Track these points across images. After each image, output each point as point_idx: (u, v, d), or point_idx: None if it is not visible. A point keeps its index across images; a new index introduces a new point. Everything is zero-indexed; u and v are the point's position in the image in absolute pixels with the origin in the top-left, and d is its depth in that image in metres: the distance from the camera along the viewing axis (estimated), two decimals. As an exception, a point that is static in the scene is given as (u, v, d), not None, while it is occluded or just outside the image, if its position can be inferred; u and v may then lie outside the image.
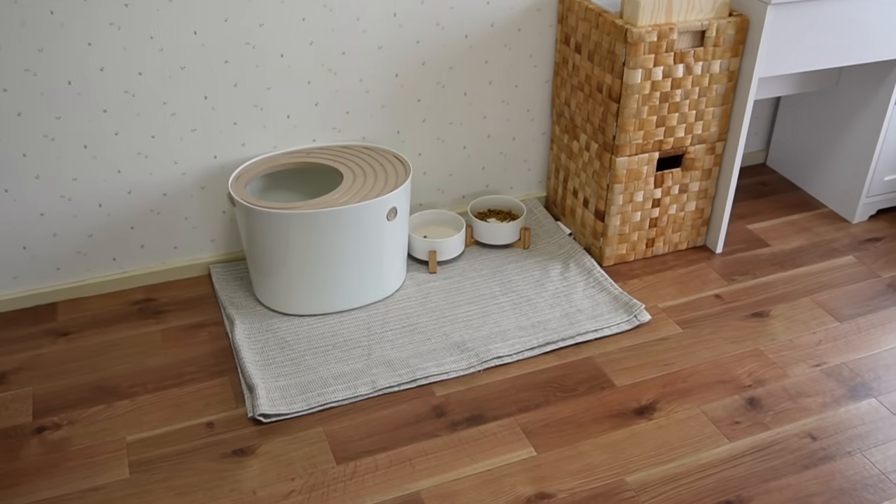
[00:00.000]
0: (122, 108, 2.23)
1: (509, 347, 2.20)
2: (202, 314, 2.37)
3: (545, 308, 2.35)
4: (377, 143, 2.54)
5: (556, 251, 2.60)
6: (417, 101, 2.52)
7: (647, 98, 2.31)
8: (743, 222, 2.82)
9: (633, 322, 2.31)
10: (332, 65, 2.37)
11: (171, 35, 2.17)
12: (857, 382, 2.15)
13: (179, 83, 2.24)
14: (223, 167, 2.41)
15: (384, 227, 2.26)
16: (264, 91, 2.34)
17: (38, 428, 1.99)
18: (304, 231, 2.17)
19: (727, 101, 2.42)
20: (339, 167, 2.35)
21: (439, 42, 2.45)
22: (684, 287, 2.49)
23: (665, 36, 2.23)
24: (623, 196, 2.45)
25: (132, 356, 2.21)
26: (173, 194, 2.40)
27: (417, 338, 2.24)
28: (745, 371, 2.18)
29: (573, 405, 2.06)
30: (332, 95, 2.42)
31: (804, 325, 2.35)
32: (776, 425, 2.02)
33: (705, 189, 2.56)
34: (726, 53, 2.34)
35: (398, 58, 2.43)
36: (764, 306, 2.42)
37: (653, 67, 2.27)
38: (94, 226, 2.36)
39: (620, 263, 2.59)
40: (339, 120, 2.46)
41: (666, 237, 2.60)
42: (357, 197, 2.21)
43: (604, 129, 2.40)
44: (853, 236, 2.76)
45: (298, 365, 2.14)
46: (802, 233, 2.77)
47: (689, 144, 2.45)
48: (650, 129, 2.37)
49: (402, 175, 2.31)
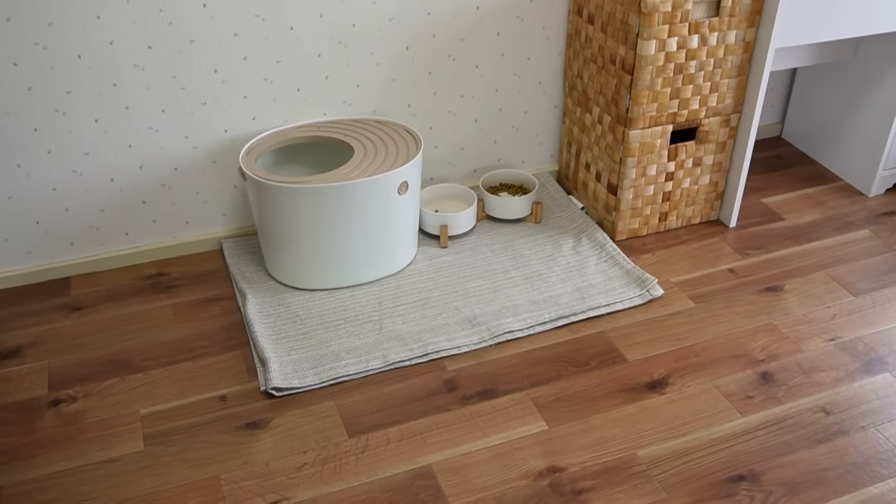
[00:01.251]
0: (132, 83, 2.22)
1: (521, 322, 2.19)
2: (214, 289, 2.37)
3: (557, 283, 2.34)
4: (388, 116, 2.52)
5: (568, 225, 2.58)
6: (428, 74, 2.50)
7: (661, 70, 2.28)
8: (757, 196, 2.79)
9: (646, 296, 2.30)
10: (343, 37, 2.35)
11: (181, 8, 2.16)
12: (872, 357, 2.14)
13: (189, 56, 2.23)
14: (234, 141, 2.40)
15: (395, 201, 2.25)
16: (274, 64, 2.33)
17: (54, 401, 2.01)
18: (315, 205, 2.17)
19: (743, 72, 2.39)
20: (350, 141, 2.33)
21: (450, 14, 2.43)
22: (697, 261, 2.48)
23: (680, 6, 2.20)
24: (636, 170, 2.43)
25: (145, 330, 2.22)
26: (184, 169, 2.39)
27: (429, 312, 2.24)
28: (759, 345, 2.17)
29: (585, 379, 2.06)
30: (342, 68, 2.40)
31: (818, 300, 2.33)
32: (789, 400, 2.01)
33: (719, 162, 2.53)
34: (742, 24, 2.30)
35: (409, 30, 2.41)
36: (778, 280, 2.40)
37: (667, 38, 2.23)
38: (106, 200, 2.36)
39: (633, 238, 2.57)
40: (350, 93, 2.45)
41: (679, 211, 2.58)
42: (368, 171, 2.20)
43: (617, 102, 2.38)
44: (869, 210, 2.73)
45: (310, 339, 2.15)
46: (817, 206, 2.75)
47: (704, 117, 2.42)
48: (664, 102, 2.34)
49: (413, 149, 2.30)
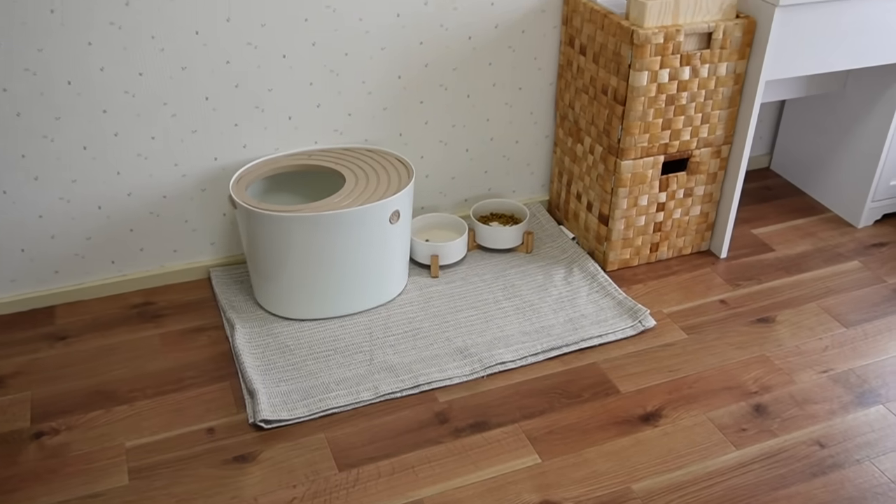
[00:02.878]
0: (122, 109, 2.20)
1: (513, 353, 2.17)
2: (202, 318, 2.34)
3: (549, 313, 2.33)
4: (379, 145, 2.52)
5: (559, 255, 2.57)
6: (420, 104, 2.50)
7: (653, 101, 2.29)
8: (747, 227, 2.79)
9: (638, 327, 2.29)
10: (335, 66, 2.35)
11: (173, 35, 2.15)
12: (865, 389, 2.13)
13: (180, 84, 2.22)
14: (224, 169, 2.38)
15: (386, 230, 2.23)
16: (266, 92, 2.31)
17: (37, 433, 1.96)
18: (305, 234, 2.15)
19: (733, 104, 2.40)
20: (341, 170, 2.32)
21: (442, 44, 2.43)
22: (689, 292, 2.47)
23: (671, 38, 2.21)
24: (627, 200, 2.43)
25: (131, 360, 2.19)
26: (173, 196, 2.37)
27: (420, 343, 2.21)
28: (752, 377, 2.16)
29: (578, 412, 2.04)
30: (334, 97, 2.39)
31: (810, 331, 2.33)
32: (784, 432, 1.99)
33: (710, 193, 2.54)
34: (733, 56, 2.31)
35: (401, 59, 2.41)
36: (769, 312, 2.40)
37: (659, 70, 2.24)
38: (93, 228, 2.33)
39: (624, 268, 2.57)
40: (342, 122, 2.44)
41: (670, 242, 2.58)
42: (359, 200, 2.19)
43: (608, 132, 2.38)
44: (858, 241, 2.74)
45: (300, 370, 2.12)
46: (807, 237, 2.75)
47: (695, 148, 2.43)
48: (655, 133, 2.34)
49: (405, 178, 2.29)
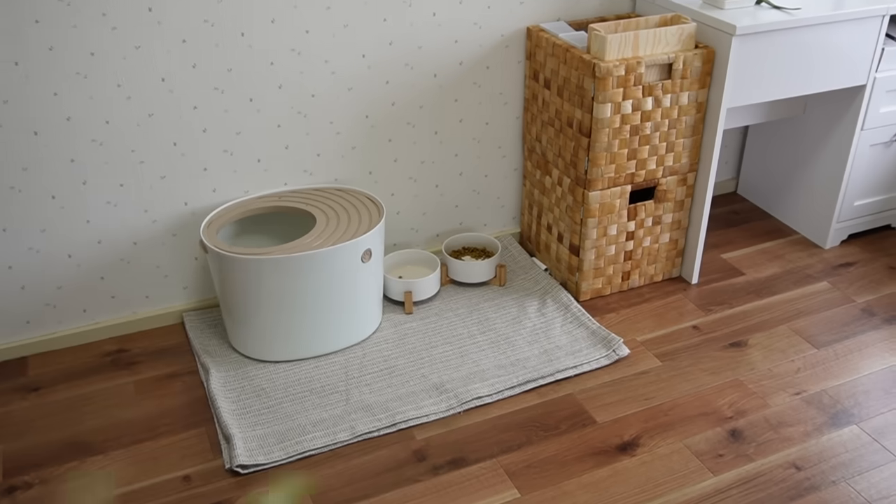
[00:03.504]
0: (89, 158, 2.20)
1: (489, 387, 2.18)
2: (176, 364, 2.33)
3: (523, 345, 2.34)
4: (349, 184, 2.53)
5: (532, 287, 2.59)
6: (389, 142, 2.52)
7: (618, 131, 2.32)
8: (717, 252, 2.83)
9: (613, 357, 2.30)
10: (302, 108, 2.36)
11: (139, 82, 2.16)
12: (838, 409, 2.15)
13: (148, 130, 2.22)
14: (194, 214, 2.38)
15: (359, 269, 2.24)
16: (234, 136, 2.32)
17: (9, 488, 1.93)
18: (278, 276, 2.15)
19: (697, 131, 2.44)
20: (312, 210, 2.33)
21: (409, 82, 2.46)
22: (662, 319, 2.49)
23: (633, 70, 2.25)
24: (597, 230, 2.45)
25: (105, 410, 2.17)
26: (144, 243, 2.36)
27: (396, 381, 2.21)
28: (726, 402, 2.17)
29: (556, 444, 2.04)
30: (302, 138, 2.40)
31: (782, 354, 2.35)
32: (760, 456, 2.01)
33: (678, 220, 2.57)
34: (694, 85, 2.36)
35: (368, 99, 2.43)
36: (741, 336, 2.42)
37: (622, 101, 2.28)
38: (63, 277, 2.32)
39: (597, 297, 2.58)
40: (311, 162, 2.45)
41: (641, 270, 2.60)
42: (331, 240, 2.19)
43: (575, 164, 2.41)
44: (826, 262, 2.78)
45: (276, 413, 2.11)
46: (776, 260, 2.79)
47: (661, 176, 2.46)
48: (622, 163, 2.38)
49: (376, 216, 2.30)
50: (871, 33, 2.46)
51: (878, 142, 2.70)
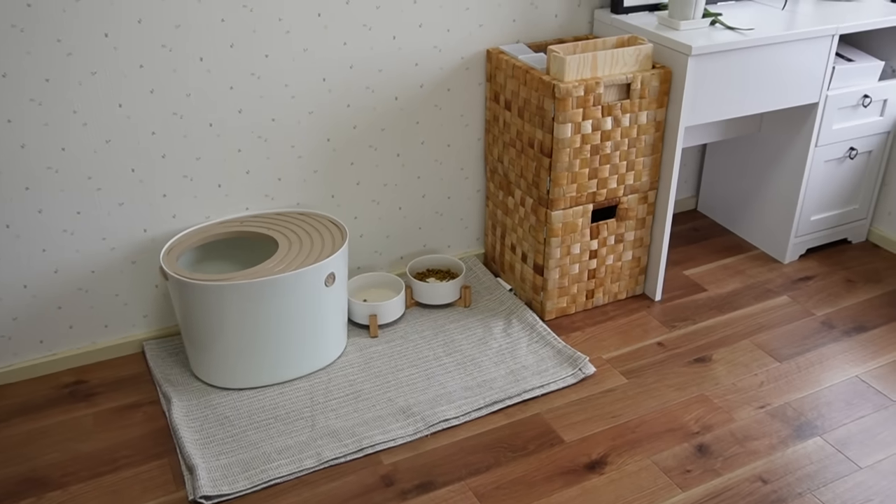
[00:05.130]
0: (45, 185, 2.16)
1: (456, 409, 2.17)
2: (137, 394, 2.28)
3: (490, 366, 2.33)
4: (312, 208, 2.51)
5: (497, 308, 2.58)
6: (351, 165, 2.51)
7: (578, 151, 2.34)
8: (679, 268, 2.85)
9: (579, 375, 2.30)
10: (263, 132, 2.35)
11: (95, 108, 2.13)
12: (802, 422, 2.17)
13: (105, 157, 2.19)
14: (154, 240, 2.35)
15: (322, 293, 2.22)
16: (194, 161, 2.30)
17: (-36, 527, 1.88)
18: (240, 302, 2.12)
19: (656, 150, 2.47)
20: (274, 235, 2.31)
21: (369, 105, 2.45)
22: (626, 336, 2.50)
23: (592, 90, 2.27)
24: (560, 249, 2.46)
25: (63, 443, 2.11)
26: (102, 271, 2.32)
27: (362, 405, 2.19)
28: (692, 417, 2.18)
29: (524, 464, 2.03)
30: (263, 163, 2.39)
31: (746, 368, 2.37)
32: (727, 471, 2.01)
33: (640, 238, 2.59)
34: (652, 104, 2.38)
35: (329, 122, 2.42)
36: (705, 351, 2.44)
37: (582, 121, 2.30)
38: (19, 308, 2.27)
39: (562, 316, 2.59)
40: (272, 187, 2.43)
41: (605, 288, 2.62)
42: (293, 265, 2.17)
43: (537, 184, 2.42)
44: (786, 276, 2.82)
45: (240, 441, 2.07)
46: (737, 276, 2.82)
47: (622, 195, 2.48)
48: (583, 182, 2.39)
49: (339, 240, 2.28)
50: (821, 52, 2.52)
51: (831, 158, 2.76)
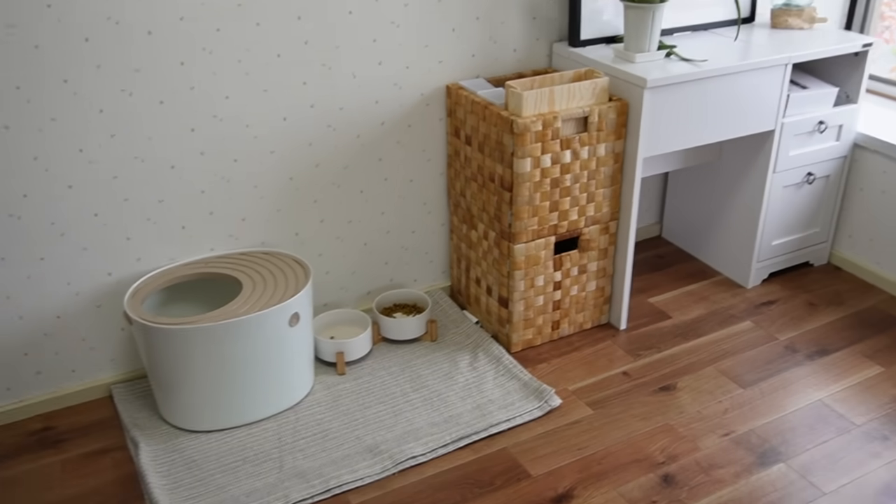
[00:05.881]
0: (7, 232, 2.16)
1: (423, 446, 2.17)
2: (105, 439, 2.27)
3: (456, 401, 2.34)
4: (276, 247, 2.52)
5: (463, 341, 2.60)
6: (314, 203, 2.53)
7: (539, 185, 2.37)
8: (644, 296, 2.88)
9: (545, 408, 2.32)
10: (225, 173, 2.36)
11: (56, 154, 2.13)
12: (766, 448, 2.20)
13: (67, 202, 2.19)
14: (119, 283, 2.35)
15: (287, 333, 2.23)
16: (157, 204, 2.31)
17: (-73, 582, 1.86)
18: (205, 345, 2.12)
19: (616, 181, 2.50)
20: (238, 275, 2.32)
21: (331, 143, 2.47)
22: (592, 367, 2.52)
23: (550, 124, 2.30)
24: (524, 282, 2.49)
25: (31, 492, 2.10)
26: (68, 316, 2.32)
27: (330, 444, 2.19)
28: (658, 447, 2.20)
29: (491, 500, 2.04)
30: (226, 203, 2.40)
31: (710, 395, 2.40)
32: (693, 500, 2.03)
33: (603, 268, 2.62)
34: (610, 137, 2.42)
35: (291, 161, 2.44)
36: (670, 379, 2.47)
37: (541, 155, 2.33)
38: (-18, 356, 2.26)
39: (528, 348, 2.61)
40: (236, 227, 2.44)
41: (570, 318, 2.64)
42: (257, 305, 2.18)
43: (499, 218, 2.44)
44: (749, 301, 2.85)
45: (208, 485, 2.07)
46: (701, 302, 2.85)
47: (584, 226, 2.51)
48: (544, 215, 2.42)
49: (303, 279, 2.29)
50: (776, 81, 2.57)
51: (790, 183, 2.81)
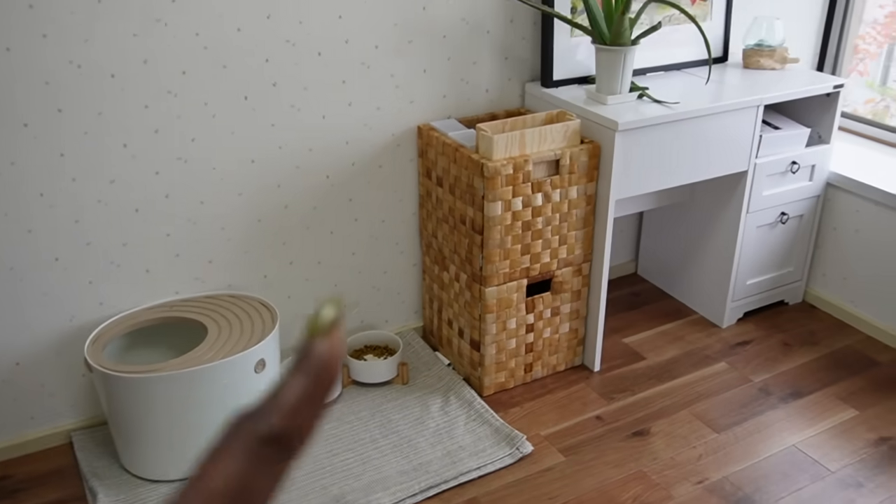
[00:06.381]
0: (-36, 279, 2.11)
1: (390, 497, 2.12)
2: (63, 489, 2.21)
3: (426, 448, 2.29)
4: (243, 290, 2.48)
5: (435, 384, 2.56)
6: (283, 244, 2.49)
7: (510, 228, 2.34)
8: (618, 336, 2.86)
9: (516, 455, 2.28)
10: (191, 215, 2.32)
11: (15, 198, 2.09)
12: (740, 496, 2.16)
13: (27, 246, 2.15)
14: (81, 329, 2.30)
15: (253, 380, 2.18)
16: (120, 247, 2.26)
17: None
18: (167, 393, 2.07)
19: (588, 223, 2.48)
20: (204, 320, 2.27)
21: (300, 184, 2.44)
22: (565, 411, 2.49)
23: (521, 168, 2.28)
24: (496, 325, 2.45)
25: (-17, 546, 2.04)
26: (27, 362, 2.26)
27: (294, 494, 2.14)
28: (630, 496, 2.16)
29: (459, 553, 1.99)
30: (192, 245, 2.36)
31: (684, 440, 2.37)
32: (664, 552, 2.00)
33: (577, 310, 2.59)
34: (582, 179, 2.40)
35: (259, 203, 2.40)
36: (644, 423, 2.43)
37: (512, 199, 2.30)
38: (-62, 404, 2.20)
39: (501, 391, 2.57)
40: (202, 269, 2.40)
41: (543, 360, 2.61)
42: (222, 352, 2.13)
43: (471, 261, 2.41)
44: (724, 341, 2.83)
45: (167, 538, 2.01)
46: (676, 342, 2.83)
47: (556, 268, 2.49)
48: (516, 258, 2.39)
49: (270, 323, 2.25)
50: (748, 122, 2.56)
51: (763, 223, 2.79)
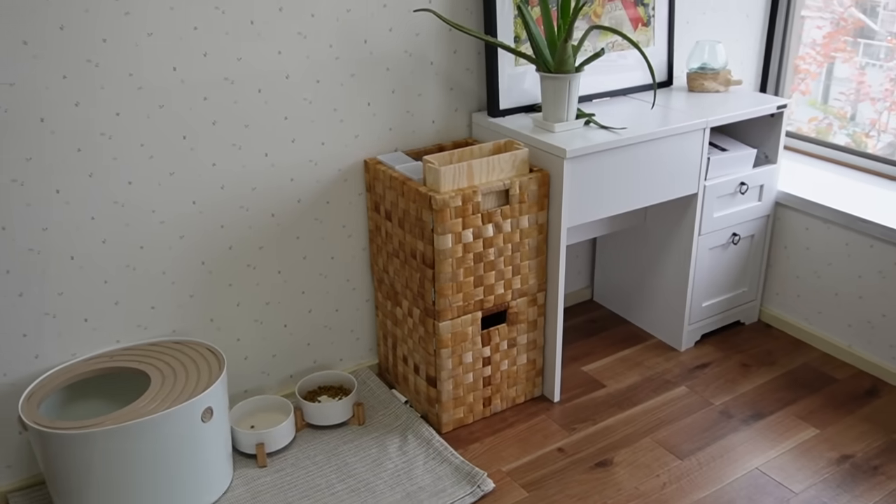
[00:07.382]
0: None
1: (348, 545, 2.05)
2: (1, 555, 2.09)
3: (385, 491, 2.22)
4: (189, 334, 2.39)
5: (392, 423, 2.48)
6: (229, 286, 2.41)
7: (461, 261, 2.29)
8: (577, 365, 2.81)
9: (478, 493, 2.21)
10: (130, 261, 2.23)
11: (-59, 251, 1.99)
12: (706, 525, 2.12)
13: (-45, 301, 2.05)
14: (15, 385, 2.18)
15: (200, 429, 2.09)
16: (56, 297, 2.16)
17: None
18: (107, 449, 1.97)
19: (541, 252, 2.44)
20: (146, 369, 2.17)
21: (245, 224, 2.37)
22: (526, 444, 2.43)
23: (470, 199, 2.24)
24: (452, 360, 2.39)
25: None
26: (-41, 421, 2.15)
27: (248, 548, 2.05)
28: (595, 531, 2.11)
29: None
30: (133, 292, 2.27)
31: (647, 469, 2.32)
32: (632, 588, 1.94)
33: (534, 340, 2.54)
34: (533, 208, 2.36)
35: (202, 245, 2.32)
36: (607, 454, 2.38)
37: (462, 230, 2.26)
38: None
39: (460, 427, 2.50)
40: (145, 316, 2.31)
41: (502, 393, 2.55)
42: (166, 402, 2.04)
43: (423, 295, 2.36)
44: (683, 365, 2.80)
45: None
46: (635, 368, 2.79)
47: (511, 299, 2.44)
48: (469, 291, 2.34)
49: (216, 369, 2.16)
50: (695, 145, 2.56)
51: (716, 245, 2.78)
